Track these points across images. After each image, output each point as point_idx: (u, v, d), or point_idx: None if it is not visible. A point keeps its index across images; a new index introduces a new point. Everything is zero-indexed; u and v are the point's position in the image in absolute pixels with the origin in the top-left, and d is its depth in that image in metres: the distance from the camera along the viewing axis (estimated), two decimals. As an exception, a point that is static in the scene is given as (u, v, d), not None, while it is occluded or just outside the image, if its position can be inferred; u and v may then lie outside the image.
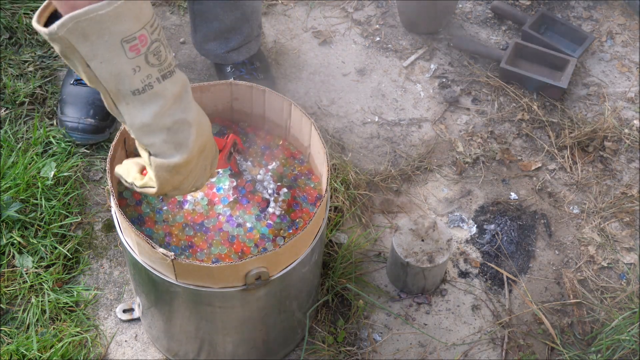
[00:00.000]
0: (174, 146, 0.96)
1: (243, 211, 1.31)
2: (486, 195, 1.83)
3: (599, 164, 1.90)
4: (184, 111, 0.95)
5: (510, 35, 2.20)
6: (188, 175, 1.01)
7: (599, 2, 2.29)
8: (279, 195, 1.33)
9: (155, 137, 0.95)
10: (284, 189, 1.34)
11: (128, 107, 0.92)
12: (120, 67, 0.88)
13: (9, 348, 1.46)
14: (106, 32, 0.85)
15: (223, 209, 1.31)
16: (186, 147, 0.97)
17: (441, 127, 1.96)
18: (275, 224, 1.30)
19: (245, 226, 1.29)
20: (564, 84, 1.98)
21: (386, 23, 2.21)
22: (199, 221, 1.29)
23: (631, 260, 1.72)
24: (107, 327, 1.56)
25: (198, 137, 0.98)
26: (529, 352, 1.56)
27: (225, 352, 1.40)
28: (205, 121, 1.01)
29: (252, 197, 1.33)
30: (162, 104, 0.92)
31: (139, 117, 0.93)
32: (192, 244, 1.27)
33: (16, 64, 1.95)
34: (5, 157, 1.73)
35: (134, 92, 0.90)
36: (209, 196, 1.32)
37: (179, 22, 2.15)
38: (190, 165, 1.00)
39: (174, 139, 0.96)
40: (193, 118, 0.97)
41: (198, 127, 0.98)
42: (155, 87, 0.91)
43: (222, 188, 1.33)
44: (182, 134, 0.96)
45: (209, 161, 1.05)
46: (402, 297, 1.63)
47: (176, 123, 0.95)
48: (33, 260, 1.60)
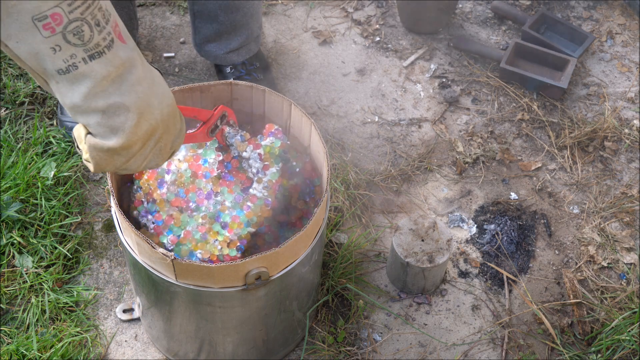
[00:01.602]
0: (109, 130, 0.92)
1: (225, 188, 1.26)
2: (486, 195, 1.83)
3: (599, 164, 1.90)
4: (121, 94, 0.90)
5: (510, 35, 2.20)
6: (132, 157, 0.96)
7: (599, 2, 2.29)
8: (264, 176, 1.28)
9: (88, 118, 0.91)
10: (271, 169, 1.29)
11: (58, 86, 0.89)
12: (36, 46, 0.84)
13: (9, 348, 1.46)
14: (14, 10, 0.81)
15: (205, 183, 1.26)
16: (123, 131, 0.92)
17: (441, 127, 1.96)
18: (254, 207, 1.26)
19: (225, 205, 1.25)
20: (564, 84, 1.98)
21: (386, 23, 2.21)
22: (180, 191, 1.25)
23: (631, 260, 1.72)
24: (107, 327, 1.56)
25: (141, 122, 0.93)
26: (529, 352, 1.56)
27: (225, 352, 1.40)
28: (159, 103, 0.95)
29: (237, 174, 1.28)
30: (91, 85, 0.88)
31: (68, 97, 0.89)
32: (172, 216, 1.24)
33: (16, 64, 1.95)
34: (5, 157, 1.73)
35: (59, 72, 0.87)
36: (193, 168, 1.28)
37: (179, 22, 2.15)
38: (132, 149, 0.95)
39: (109, 123, 0.91)
40: (133, 102, 0.91)
41: (141, 110, 0.93)
42: (81, 67, 0.87)
43: (207, 161, 1.29)
44: (119, 119, 0.91)
45: (165, 143, 1.00)
46: (402, 297, 1.63)
47: (111, 107, 0.90)
48: (33, 260, 1.60)
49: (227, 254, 1.22)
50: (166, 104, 0.97)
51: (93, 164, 0.96)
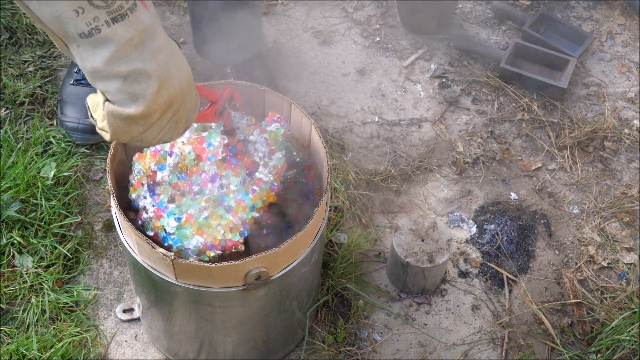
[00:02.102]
0: (129, 97, 0.90)
1: (230, 172, 1.23)
2: (486, 195, 1.83)
3: (599, 164, 1.90)
4: (143, 61, 0.89)
5: (510, 35, 2.20)
6: (149, 127, 0.94)
7: (599, 2, 2.29)
8: (270, 160, 1.26)
9: (109, 84, 0.89)
10: (277, 154, 1.27)
11: (79, 50, 0.87)
12: (59, 8, 0.83)
13: (9, 348, 1.46)
14: None
15: (209, 166, 1.24)
16: (143, 99, 0.90)
17: (441, 127, 1.96)
18: (260, 191, 1.23)
19: (229, 188, 1.23)
20: (564, 84, 1.98)
21: (386, 23, 2.21)
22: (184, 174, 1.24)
23: (631, 260, 1.72)
24: (107, 327, 1.56)
25: (161, 91, 0.91)
26: (529, 352, 1.56)
27: (225, 352, 1.40)
28: (178, 74, 0.94)
29: (242, 159, 1.26)
30: (114, 49, 0.86)
31: (89, 62, 0.87)
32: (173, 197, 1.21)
33: (16, 64, 1.95)
34: (5, 157, 1.73)
35: (81, 35, 0.85)
36: (197, 151, 1.25)
37: (179, 22, 2.15)
38: (151, 118, 0.93)
39: (129, 89, 0.90)
40: (154, 69, 0.89)
41: (162, 79, 0.91)
42: (104, 31, 0.85)
43: (212, 144, 1.26)
44: (140, 85, 0.89)
45: (181, 116, 0.98)
46: (402, 297, 1.63)
47: (133, 72, 0.88)
48: (33, 260, 1.60)
49: (230, 238, 1.20)
50: (185, 75, 0.95)
51: (110, 132, 0.94)
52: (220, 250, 1.19)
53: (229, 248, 1.20)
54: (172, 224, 1.19)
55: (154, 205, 1.21)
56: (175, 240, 1.18)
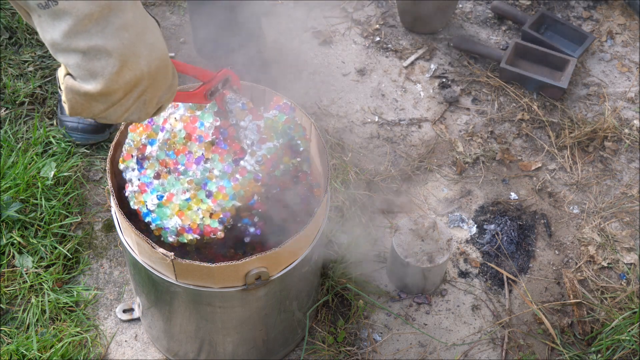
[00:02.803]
0: (88, 73, 0.87)
1: (216, 156, 1.20)
2: (486, 195, 1.83)
3: (599, 164, 1.90)
4: (105, 37, 0.85)
5: (510, 35, 2.20)
6: (112, 106, 0.91)
7: (599, 2, 2.29)
8: (259, 149, 1.21)
9: (69, 58, 0.87)
10: (268, 144, 1.22)
11: (40, 20, 0.85)
12: None
13: (9, 348, 1.46)
14: None
15: (197, 147, 1.21)
16: (102, 77, 0.87)
17: (441, 127, 1.96)
18: (242, 180, 1.20)
19: (213, 173, 1.19)
20: (564, 84, 1.98)
21: (386, 23, 2.21)
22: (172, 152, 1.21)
23: (631, 260, 1.72)
24: (107, 327, 1.56)
25: (124, 70, 0.88)
26: (529, 352, 1.56)
27: (225, 352, 1.40)
28: (148, 54, 0.90)
29: (231, 144, 1.22)
30: (72, 23, 0.83)
31: (49, 33, 0.85)
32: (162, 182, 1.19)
33: (16, 64, 1.95)
34: (5, 157, 1.73)
35: (39, 6, 0.83)
36: (189, 129, 1.22)
37: (179, 22, 2.15)
38: (112, 97, 0.90)
39: (88, 66, 0.86)
40: (116, 47, 0.86)
41: (125, 59, 0.87)
42: (61, 3, 0.82)
43: (204, 124, 1.22)
44: (99, 63, 0.86)
45: (150, 97, 0.94)
46: (402, 297, 1.63)
47: (92, 49, 0.85)
48: (33, 260, 1.60)
49: (209, 224, 1.17)
50: (156, 55, 0.91)
51: (68, 107, 0.92)
52: (198, 234, 1.17)
53: (207, 233, 1.18)
54: (154, 201, 1.17)
55: (139, 179, 1.19)
56: (154, 218, 1.17)
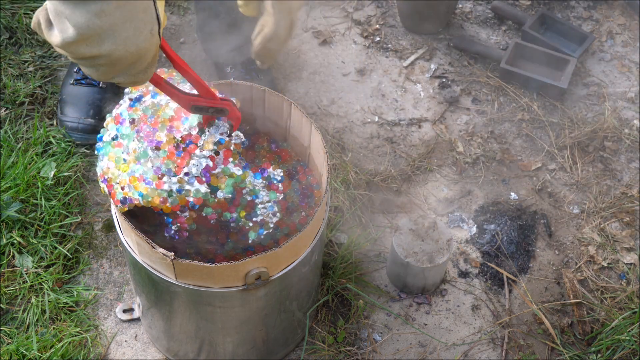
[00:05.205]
0: (55, 24, 0.89)
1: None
2: (486, 195, 1.83)
3: (599, 164, 1.90)
4: (73, 11, 0.87)
5: (510, 35, 2.20)
6: (65, 48, 0.91)
7: (599, 2, 2.29)
8: (230, 139, 1.19)
9: (51, 2, 0.88)
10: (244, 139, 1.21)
11: None
12: None
13: (9, 348, 1.46)
14: None
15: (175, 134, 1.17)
16: (60, 36, 0.89)
17: (441, 127, 1.96)
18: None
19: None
20: (564, 84, 1.98)
21: (386, 23, 2.21)
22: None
23: (631, 260, 1.72)
24: (107, 327, 1.56)
25: (80, 43, 0.89)
26: (529, 352, 1.56)
27: (225, 352, 1.40)
28: (113, 42, 0.90)
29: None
30: None
31: None
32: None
33: (16, 64, 1.95)
34: (5, 157, 1.73)
35: None
36: (174, 113, 1.19)
37: (179, 22, 2.15)
38: (64, 50, 0.91)
39: (56, 20, 0.89)
40: (79, 24, 0.87)
41: (86, 37, 0.88)
42: None
43: (187, 120, 1.19)
44: (62, 25, 0.89)
45: (107, 71, 0.95)
46: (402, 297, 1.63)
47: (61, 14, 0.88)
48: (33, 260, 1.60)
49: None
50: (125, 49, 0.91)
51: (34, 17, 0.94)
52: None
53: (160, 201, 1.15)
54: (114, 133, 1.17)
55: (121, 114, 1.19)
56: (99, 147, 1.18)
